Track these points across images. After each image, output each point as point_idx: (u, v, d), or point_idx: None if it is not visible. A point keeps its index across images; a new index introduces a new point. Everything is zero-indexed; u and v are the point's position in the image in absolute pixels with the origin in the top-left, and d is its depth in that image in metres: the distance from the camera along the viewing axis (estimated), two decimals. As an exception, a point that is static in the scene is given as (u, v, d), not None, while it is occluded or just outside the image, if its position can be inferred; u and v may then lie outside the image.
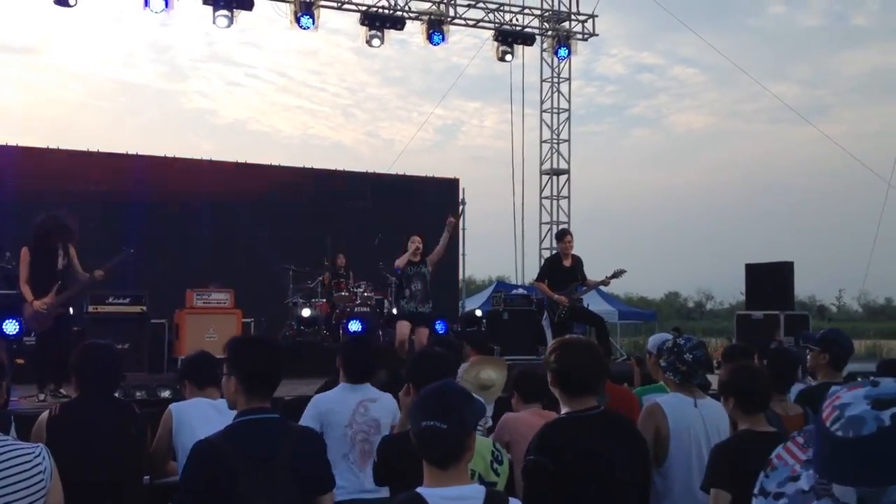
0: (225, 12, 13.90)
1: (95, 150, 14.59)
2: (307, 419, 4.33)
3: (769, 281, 12.31)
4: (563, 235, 10.40)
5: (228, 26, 14.11)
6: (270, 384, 3.06)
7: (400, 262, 9.29)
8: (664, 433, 3.82)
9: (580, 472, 3.05)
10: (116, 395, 4.32)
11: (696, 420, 3.84)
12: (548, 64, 18.76)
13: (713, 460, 3.44)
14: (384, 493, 3.59)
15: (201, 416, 3.96)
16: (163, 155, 15.13)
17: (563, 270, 9.97)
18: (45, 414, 3.83)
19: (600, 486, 3.08)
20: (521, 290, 14.98)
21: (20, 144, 14.10)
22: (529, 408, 4.33)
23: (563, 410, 3.28)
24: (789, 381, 4.37)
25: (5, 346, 8.06)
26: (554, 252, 10.39)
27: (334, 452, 4.23)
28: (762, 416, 3.60)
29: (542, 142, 18.91)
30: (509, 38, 16.64)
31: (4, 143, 13.98)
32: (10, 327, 9.70)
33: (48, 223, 7.59)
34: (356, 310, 11.96)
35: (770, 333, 10.70)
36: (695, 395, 3.92)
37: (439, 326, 11.28)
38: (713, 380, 5.55)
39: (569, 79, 18.86)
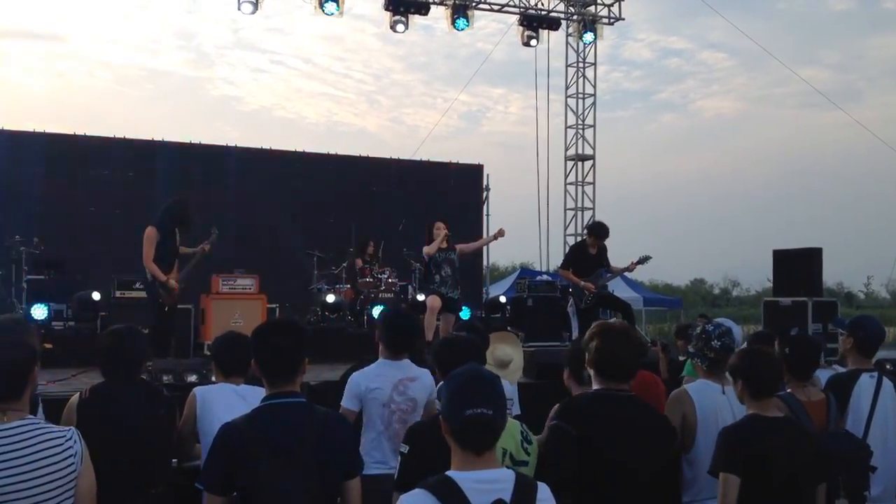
0: (250, -2, 13.93)
1: (122, 136, 14.69)
2: (348, 398, 4.28)
3: (797, 267, 12.14)
4: (601, 235, 9.99)
5: (253, 13, 14.15)
6: (288, 368, 3.04)
7: (430, 249, 9.25)
8: (691, 420, 3.79)
9: (600, 444, 3.05)
10: (145, 377, 4.34)
11: (723, 406, 3.81)
12: (573, 49, 18.65)
13: (722, 444, 3.42)
14: None
15: (225, 402, 3.97)
16: (189, 141, 15.21)
17: (588, 257, 9.93)
18: (76, 397, 3.86)
19: (625, 463, 3.08)
20: (545, 277, 14.94)
21: (47, 131, 14.21)
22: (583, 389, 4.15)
23: (594, 387, 3.31)
24: (811, 367, 4.31)
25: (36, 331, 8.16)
26: (579, 239, 10.30)
27: (371, 429, 4.22)
28: (771, 400, 3.57)
29: (567, 127, 18.85)
30: (535, 23, 16.55)
31: (32, 130, 14.10)
32: (39, 312, 9.83)
33: (187, 209, 8.00)
34: (380, 296, 11.98)
35: (798, 320, 10.58)
36: (723, 381, 3.88)
37: (464, 313, 11.27)
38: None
39: (594, 64, 18.75)
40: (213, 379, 4.45)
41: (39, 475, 2.69)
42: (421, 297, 10.53)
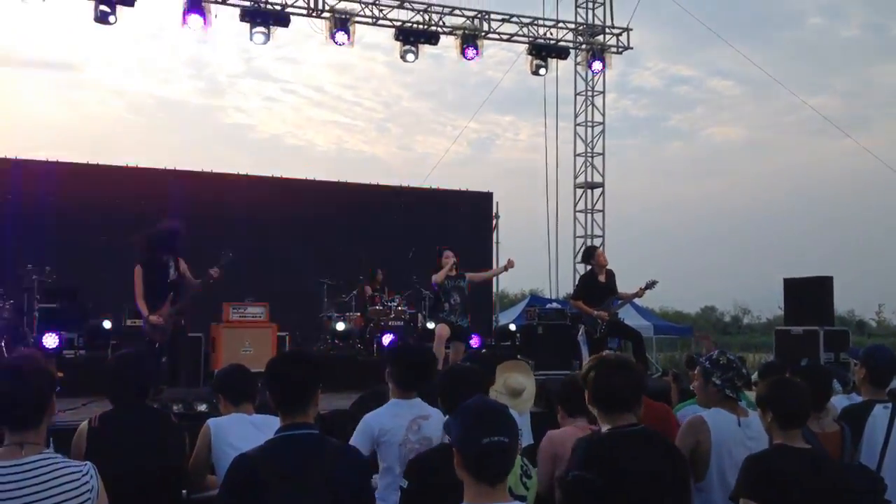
0: (262, 29, 14.04)
1: (134, 165, 14.78)
2: (359, 441, 4.10)
3: (808, 296, 12.10)
4: (593, 253, 10.35)
5: (265, 42, 14.25)
6: (301, 400, 3.05)
7: (438, 277, 9.27)
8: (705, 447, 3.76)
9: (624, 489, 3.03)
10: (155, 406, 4.34)
11: (738, 437, 3.78)
12: (582, 77, 18.73)
13: (746, 471, 3.37)
14: None
15: (239, 433, 3.97)
16: (200, 170, 15.28)
17: (599, 286, 9.93)
18: (85, 425, 3.86)
19: (637, 497, 3.06)
20: (555, 304, 14.91)
21: (60, 160, 14.29)
22: (575, 422, 4.18)
23: (604, 427, 3.26)
24: (823, 398, 4.29)
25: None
26: (588, 269, 10.32)
27: (388, 473, 4.13)
28: (799, 432, 3.52)
29: (576, 155, 18.88)
30: (543, 52, 16.61)
31: (45, 159, 14.18)
32: (50, 341, 9.85)
33: (152, 240, 8.05)
34: (390, 324, 11.98)
35: (810, 349, 10.53)
36: (738, 412, 3.86)
37: (473, 341, 11.25)
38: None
39: (603, 92, 18.83)
40: (221, 411, 4.43)
41: None
42: (430, 326, 10.53)
